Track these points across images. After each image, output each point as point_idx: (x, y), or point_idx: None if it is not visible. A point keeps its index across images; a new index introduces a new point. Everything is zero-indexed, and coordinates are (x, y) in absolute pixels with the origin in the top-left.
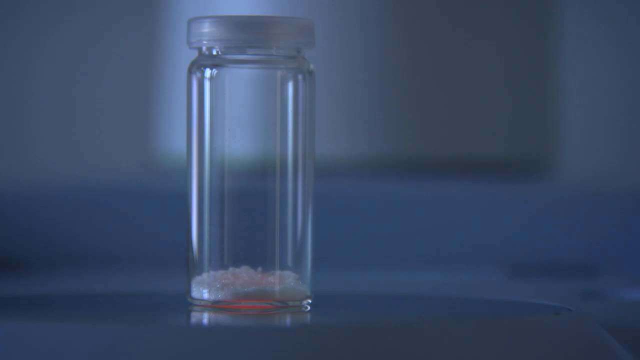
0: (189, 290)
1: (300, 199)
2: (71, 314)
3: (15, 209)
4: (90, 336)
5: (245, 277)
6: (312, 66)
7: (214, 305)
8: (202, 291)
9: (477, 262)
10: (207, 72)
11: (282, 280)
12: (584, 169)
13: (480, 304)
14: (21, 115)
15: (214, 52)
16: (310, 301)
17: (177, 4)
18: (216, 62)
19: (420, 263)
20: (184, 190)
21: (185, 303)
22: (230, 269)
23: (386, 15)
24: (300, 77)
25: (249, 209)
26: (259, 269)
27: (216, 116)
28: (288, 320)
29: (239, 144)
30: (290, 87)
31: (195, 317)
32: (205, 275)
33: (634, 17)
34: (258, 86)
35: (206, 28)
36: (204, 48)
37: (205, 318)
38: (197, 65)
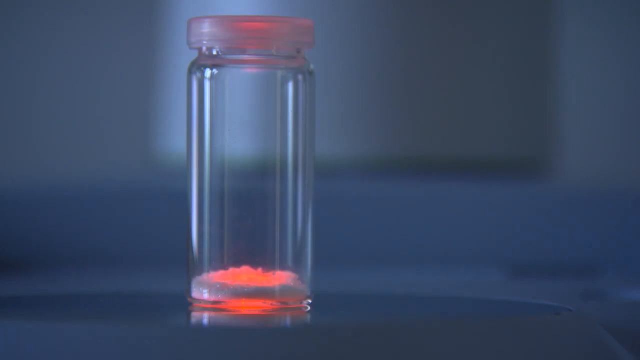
0: (189, 290)
1: (300, 199)
2: (71, 314)
3: (15, 209)
4: (90, 336)
5: (245, 277)
6: (312, 66)
7: (214, 305)
8: (202, 291)
9: (477, 262)
10: (207, 72)
11: (282, 280)
12: (584, 169)
13: (481, 304)
14: (21, 115)
15: (214, 52)
16: (310, 301)
17: (177, 4)
18: (216, 62)
19: (421, 263)
20: (184, 190)
21: (185, 303)
22: (230, 269)
23: (386, 15)
24: (300, 77)
25: (249, 209)
26: (259, 269)
27: (216, 116)
28: (288, 320)
29: (239, 144)
30: (290, 87)
31: (195, 317)
32: (205, 275)
33: (634, 17)
34: (258, 86)
35: (206, 28)
36: (204, 48)
37: (205, 318)
38: (197, 65)
